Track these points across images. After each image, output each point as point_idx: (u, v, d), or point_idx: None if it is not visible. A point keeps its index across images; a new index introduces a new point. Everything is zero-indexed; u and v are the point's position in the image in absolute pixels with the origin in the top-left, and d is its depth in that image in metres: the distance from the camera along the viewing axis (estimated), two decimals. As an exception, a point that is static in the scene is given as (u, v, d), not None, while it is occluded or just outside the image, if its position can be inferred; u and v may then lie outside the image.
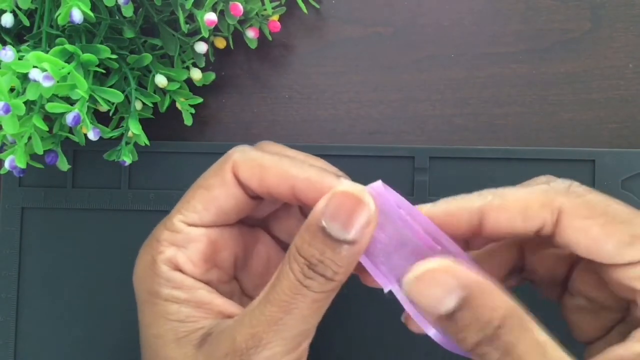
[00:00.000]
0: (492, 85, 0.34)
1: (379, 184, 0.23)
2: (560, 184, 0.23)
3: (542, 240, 0.24)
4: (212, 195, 0.24)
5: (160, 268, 0.24)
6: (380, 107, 0.35)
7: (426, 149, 0.33)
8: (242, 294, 0.27)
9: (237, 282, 0.27)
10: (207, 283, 0.25)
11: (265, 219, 0.28)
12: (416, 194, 0.33)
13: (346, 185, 0.22)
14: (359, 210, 0.22)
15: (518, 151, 0.33)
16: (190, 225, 0.24)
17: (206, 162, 0.35)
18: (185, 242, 0.24)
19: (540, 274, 0.26)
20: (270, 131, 0.35)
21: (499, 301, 0.21)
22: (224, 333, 0.23)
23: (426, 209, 0.23)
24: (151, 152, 0.34)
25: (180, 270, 0.24)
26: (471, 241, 0.25)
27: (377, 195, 0.23)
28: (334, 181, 0.23)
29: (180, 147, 0.35)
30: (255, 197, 0.25)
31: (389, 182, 0.24)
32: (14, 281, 0.35)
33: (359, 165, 0.34)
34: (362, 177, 0.34)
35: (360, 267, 0.23)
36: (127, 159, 0.32)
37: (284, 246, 0.28)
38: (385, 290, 0.23)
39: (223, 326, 0.23)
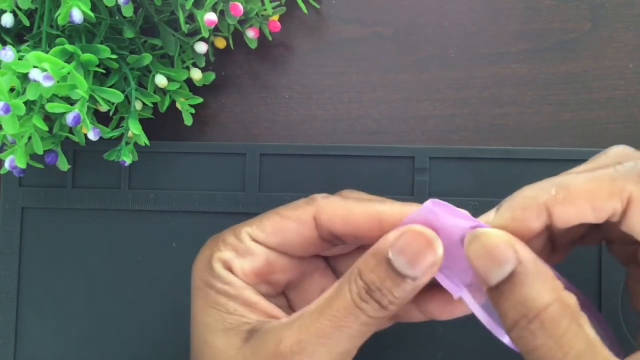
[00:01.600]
0: (492, 85, 0.34)
1: (429, 205, 0.23)
2: (629, 167, 0.22)
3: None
4: (285, 225, 0.26)
5: (215, 264, 0.25)
6: (380, 107, 0.35)
7: (426, 149, 0.33)
8: (289, 308, 0.28)
9: (286, 298, 0.28)
10: (258, 290, 0.26)
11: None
12: (416, 194, 0.33)
13: (419, 226, 0.23)
14: (427, 251, 0.23)
15: (518, 151, 0.33)
16: (254, 240, 0.26)
17: (206, 162, 0.35)
18: (244, 252, 0.26)
19: (610, 246, 0.27)
20: (270, 131, 0.35)
21: (549, 285, 0.21)
22: (271, 332, 0.24)
23: (491, 220, 0.24)
24: (151, 152, 0.34)
25: (232, 272, 0.25)
26: (553, 239, 0.25)
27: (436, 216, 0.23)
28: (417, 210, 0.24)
29: (180, 147, 0.35)
30: (328, 240, 0.26)
31: (390, 182, 0.24)
32: (14, 281, 0.35)
33: (359, 165, 0.34)
34: (362, 177, 0.34)
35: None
36: (127, 159, 0.32)
37: None
38: (455, 297, 0.23)
39: (271, 325, 0.24)
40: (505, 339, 0.23)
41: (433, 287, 0.25)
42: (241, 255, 0.25)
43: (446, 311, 0.25)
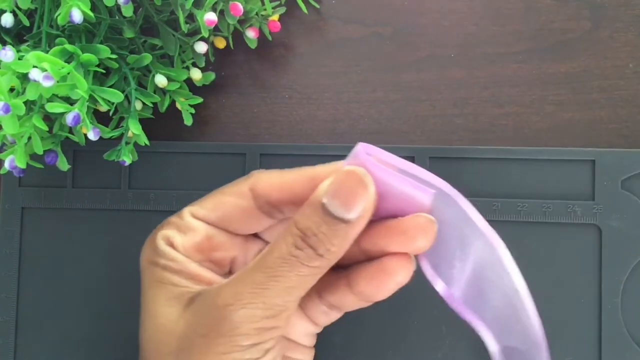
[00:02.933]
0: (492, 85, 0.34)
1: (360, 149, 0.23)
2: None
3: None
4: (223, 200, 0.26)
5: (158, 242, 0.26)
6: (380, 107, 0.35)
7: (426, 149, 0.33)
8: None
9: None
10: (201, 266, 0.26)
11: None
12: (416, 194, 0.33)
13: (350, 166, 0.23)
14: (359, 190, 0.23)
15: (518, 151, 0.33)
16: (194, 217, 0.26)
17: (206, 162, 0.35)
18: (185, 229, 0.26)
19: None
20: (270, 131, 0.35)
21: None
22: (210, 292, 0.24)
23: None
24: (151, 152, 0.34)
25: (174, 248, 0.26)
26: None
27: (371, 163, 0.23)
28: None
29: (180, 147, 0.35)
30: (267, 212, 0.26)
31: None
32: (14, 281, 0.35)
33: (359, 165, 0.34)
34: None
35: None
36: (127, 159, 0.32)
37: None
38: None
39: (211, 287, 0.24)
40: (439, 286, 0.24)
41: (360, 266, 0.25)
42: (182, 232, 0.26)
43: (376, 286, 0.25)
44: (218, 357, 0.23)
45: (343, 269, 0.26)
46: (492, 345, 0.24)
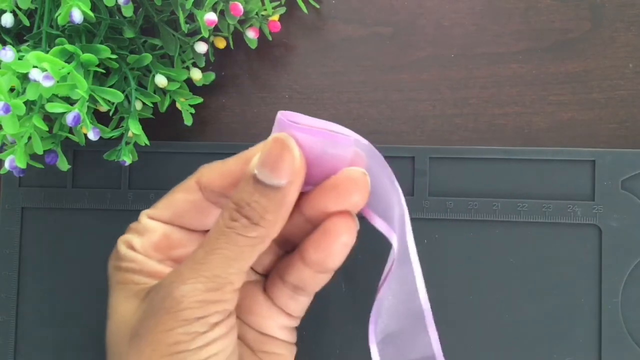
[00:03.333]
0: (492, 85, 0.34)
1: (282, 118, 0.24)
2: None
3: None
4: (174, 198, 0.27)
5: (120, 247, 0.27)
6: (380, 107, 0.35)
7: (426, 149, 0.33)
8: None
9: None
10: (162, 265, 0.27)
11: None
12: (416, 194, 0.33)
13: (275, 134, 0.24)
14: (284, 154, 0.23)
15: (518, 151, 0.33)
16: (150, 218, 0.27)
17: (206, 162, 0.35)
18: (142, 231, 0.27)
19: None
20: (270, 131, 0.35)
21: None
22: (162, 280, 0.25)
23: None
24: (151, 152, 0.34)
25: (134, 250, 0.27)
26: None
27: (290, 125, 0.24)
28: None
29: (180, 147, 0.35)
30: (215, 202, 0.27)
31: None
32: (14, 281, 0.35)
33: (359, 165, 0.34)
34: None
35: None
36: (127, 159, 0.32)
37: None
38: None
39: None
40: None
41: (308, 237, 0.25)
42: (140, 234, 0.27)
43: (323, 251, 0.25)
44: (165, 335, 0.23)
45: (292, 249, 0.27)
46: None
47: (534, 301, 0.32)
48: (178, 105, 0.33)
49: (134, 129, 0.31)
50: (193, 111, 0.34)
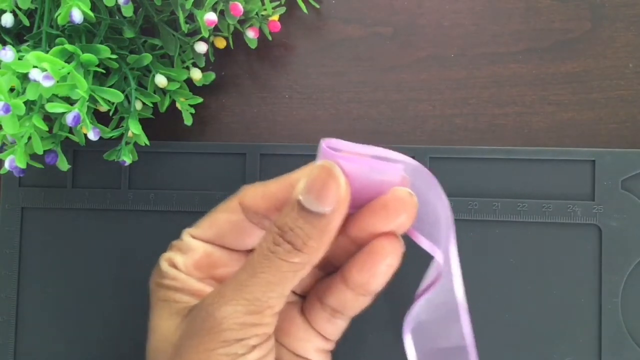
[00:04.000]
0: (492, 85, 0.34)
1: (325, 146, 0.24)
2: None
3: None
4: (217, 218, 0.27)
5: (162, 264, 0.27)
6: (380, 107, 0.35)
7: (426, 149, 0.33)
8: None
9: None
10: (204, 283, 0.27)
11: None
12: (416, 194, 0.33)
13: (322, 161, 0.24)
14: (330, 182, 0.23)
15: (518, 151, 0.33)
16: (193, 236, 0.27)
17: (206, 162, 0.35)
18: (184, 249, 0.27)
19: None
20: (270, 131, 0.35)
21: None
22: (201, 299, 0.25)
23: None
24: (151, 152, 0.34)
25: (176, 268, 0.27)
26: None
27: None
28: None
29: (180, 147, 0.35)
30: (257, 223, 0.27)
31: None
32: (14, 281, 0.35)
33: (359, 165, 0.34)
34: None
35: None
36: (127, 159, 0.32)
37: None
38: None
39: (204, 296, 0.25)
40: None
41: (352, 257, 0.25)
42: (183, 252, 0.27)
43: (368, 272, 0.25)
44: (206, 355, 0.23)
45: (334, 271, 0.26)
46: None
47: (534, 301, 0.32)
48: (178, 105, 0.33)
49: (134, 129, 0.31)
50: (193, 111, 0.34)
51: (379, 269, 0.25)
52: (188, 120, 0.34)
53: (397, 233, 0.25)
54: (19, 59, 0.27)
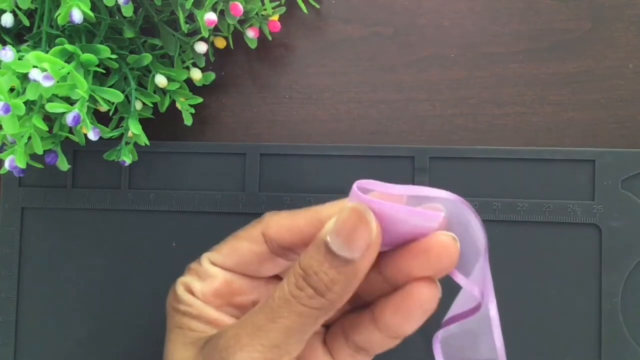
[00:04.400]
0: (492, 85, 0.34)
1: (356, 190, 0.23)
2: None
3: None
4: (238, 245, 0.26)
5: (178, 288, 0.26)
6: (380, 107, 0.35)
7: (426, 149, 0.33)
8: None
9: None
10: (221, 311, 0.26)
11: None
12: (416, 194, 0.33)
13: (353, 203, 0.22)
14: (361, 228, 0.22)
15: (518, 151, 0.33)
16: (212, 263, 0.26)
17: (206, 162, 0.35)
18: (203, 275, 0.26)
19: None
20: (270, 131, 0.35)
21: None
22: (217, 335, 0.24)
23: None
24: (151, 152, 0.34)
25: (193, 294, 0.26)
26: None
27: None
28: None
29: (180, 147, 0.35)
30: (280, 255, 0.26)
31: (389, 182, 0.24)
32: (14, 281, 0.35)
33: (359, 166, 0.34)
34: (362, 177, 0.34)
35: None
36: (127, 159, 0.32)
37: None
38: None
39: (221, 329, 0.24)
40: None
41: (385, 298, 0.24)
42: (201, 279, 0.26)
43: (402, 316, 0.24)
44: None
45: (368, 307, 0.25)
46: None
47: (534, 301, 0.32)
48: (178, 105, 0.33)
49: (134, 129, 0.31)
50: (193, 111, 0.34)
51: (415, 314, 0.23)
52: (188, 120, 0.34)
53: (435, 277, 0.23)
54: (19, 59, 0.27)
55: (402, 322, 0.24)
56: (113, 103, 0.31)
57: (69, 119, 0.28)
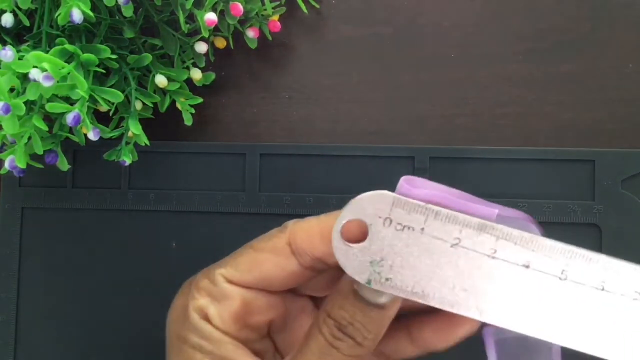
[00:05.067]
0: (492, 85, 0.34)
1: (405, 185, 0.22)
2: None
3: None
4: (259, 259, 0.24)
5: (191, 315, 0.23)
6: (380, 107, 0.35)
7: (426, 149, 0.33)
8: (276, 352, 0.26)
9: (272, 341, 0.26)
10: (236, 338, 0.24)
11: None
12: (416, 194, 0.33)
13: None
14: None
15: (518, 151, 0.33)
16: (228, 281, 0.24)
17: (206, 162, 0.35)
18: (219, 297, 0.23)
19: None
20: (270, 131, 0.35)
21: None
22: None
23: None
24: (151, 152, 0.34)
25: (209, 322, 0.23)
26: None
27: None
28: None
29: (180, 147, 0.35)
30: (310, 267, 0.24)
31: (390, 182, 0.24)
32: (14, 281, 0.35)
33: (359, 165, 0.34)
34: (363, 177, 0.34)
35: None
36: (127, 159, 0.32)
37: None
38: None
39: None
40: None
41: (423, 315, 0.24)
42: (216, 300, 0.23)
43: (443, 337, 0.24)
44: None
45: (399, 318, 0.24)
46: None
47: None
48: (178, 105, 0.33)
49: (134, 129, 0.31)
50: (193, 111, 0.34)
51: (455, 335, 0.23)
52: (188, 120, 0.34)
53: None
54: (19, 59, 0.27)
55: (440, 342, 0.24)
56: (113, 103, 0.31)
57: (69, 119, 0.28)
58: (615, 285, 0.21)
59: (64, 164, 0.32)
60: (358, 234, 0.21)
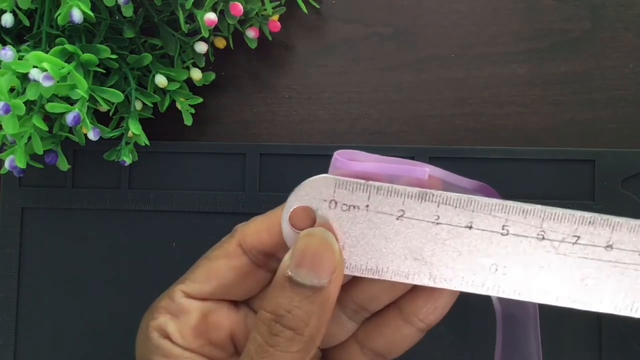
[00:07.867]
0: (492, 85, 0.34)
1: (340, 158, 0.22)
2: None
3: None
4: (214, 267, 0.24)
5: (151, 334, 0.23)
6: (380, 107, 0.35)
7: (426, 149, 0.33)
8: None
9: None
10: (199, 354, 0.23)
11: None
12: (416, 194, 0.33)
13: (309, 229, 0.21)
14: (324, 252, 0.21)
15: (518, 151, 0.33)
16: (187, 295, 0.24)
17: (206, 162, 0.35)
18: (178, 312, 0.23)
19: None
20: (270, 131, 0.35)
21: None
22: None
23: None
24: (151, 152, 0.34)
25: (170, 339, 0.23)
26: None
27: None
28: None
29: (180, 147, 0.35)
30: (264, 265, 0.24)
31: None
32: (14, 281, 0.35)
33: (359, 165, 0.34)
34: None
35: None
36: (127, 159, 0.32)
37: None
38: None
39: None
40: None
41: (408, 294, 0.24)
42: (175, 316, 0.23)
43: (431, 310, 0.23)
44: None
45: (379, 314, 0.24)
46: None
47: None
48: (178, 105, 0.33)
49: (134, 129, 0.31)
50: (193, 111, 0.34)
51: (447, 299, 0.23)
52: (188, 120, 0.34)
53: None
54: (19, 59, 0.27)
55: (434, 307, 0.23)
56: (113, 103, 0.31)
57: (69, 119, 0.28)
58: (555, 232, 0.22)
59: (64, 164, 0.32)
60: (307, 220, 0.22)
